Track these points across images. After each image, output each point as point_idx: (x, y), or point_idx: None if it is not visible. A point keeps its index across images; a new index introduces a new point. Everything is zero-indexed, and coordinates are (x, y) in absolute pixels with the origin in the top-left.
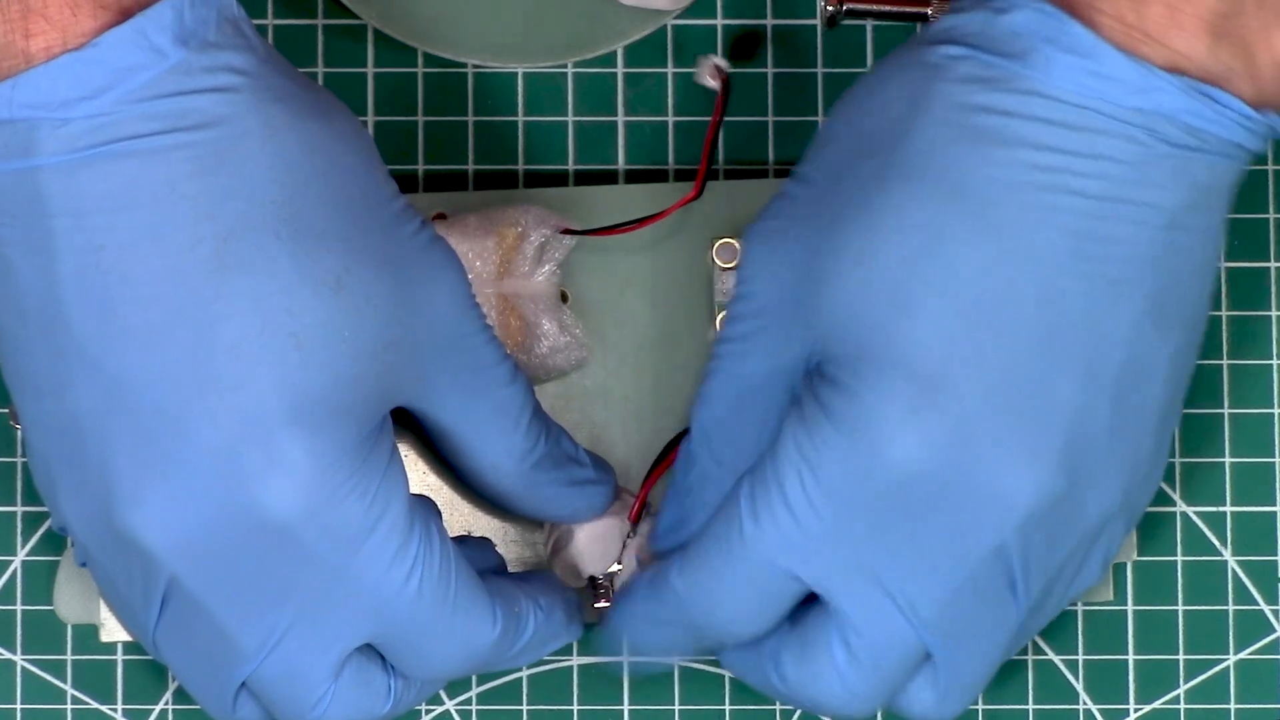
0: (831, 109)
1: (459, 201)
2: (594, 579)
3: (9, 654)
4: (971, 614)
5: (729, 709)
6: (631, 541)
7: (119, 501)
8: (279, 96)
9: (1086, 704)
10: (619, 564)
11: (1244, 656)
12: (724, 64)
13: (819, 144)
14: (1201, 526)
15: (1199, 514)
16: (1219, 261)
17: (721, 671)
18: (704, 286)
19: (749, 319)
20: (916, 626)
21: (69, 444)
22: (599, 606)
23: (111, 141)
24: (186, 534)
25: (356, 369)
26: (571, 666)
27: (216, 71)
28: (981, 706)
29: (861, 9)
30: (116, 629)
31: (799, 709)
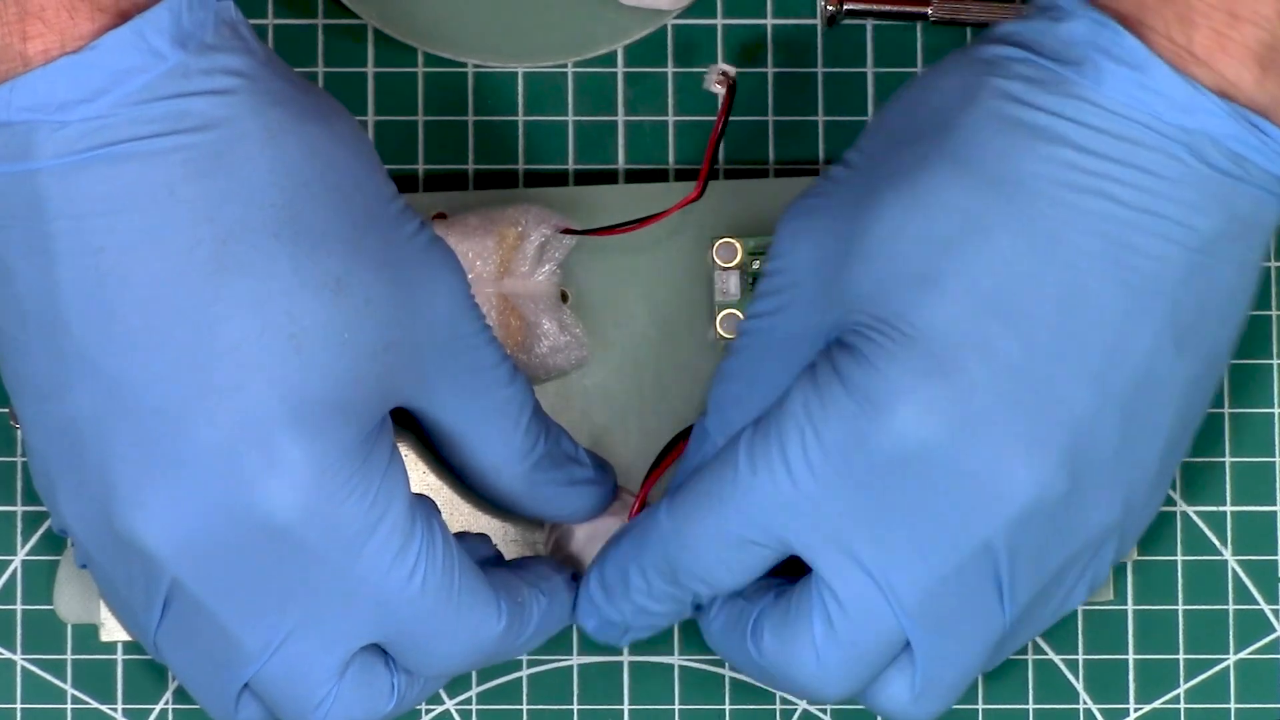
0: (885, 102)
1: (459, 201)
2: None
3: (9, 654)
4: (954, 611)
5: (729, 709)
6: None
7: (119, 504)
8: (277, 99)
9: (1086, 704)
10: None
11: (1244, 656)
12: (730, 69)
13: (868, 131)
14: (1201, 526)
15: (1199, 514)
16: (1249, 303)
17: (722, 671)
18: (704, 286)
19: (778, 294)
20: (896, 610)
21: (69, 446)
22: None
23: (110, 144)
24: (187, 536)
25: (356, 370)
26: (571, 666)
27: (214, 74)
28: (981, 706)
29: (861, 9)
30: (116, 629)
31: (774, 688)
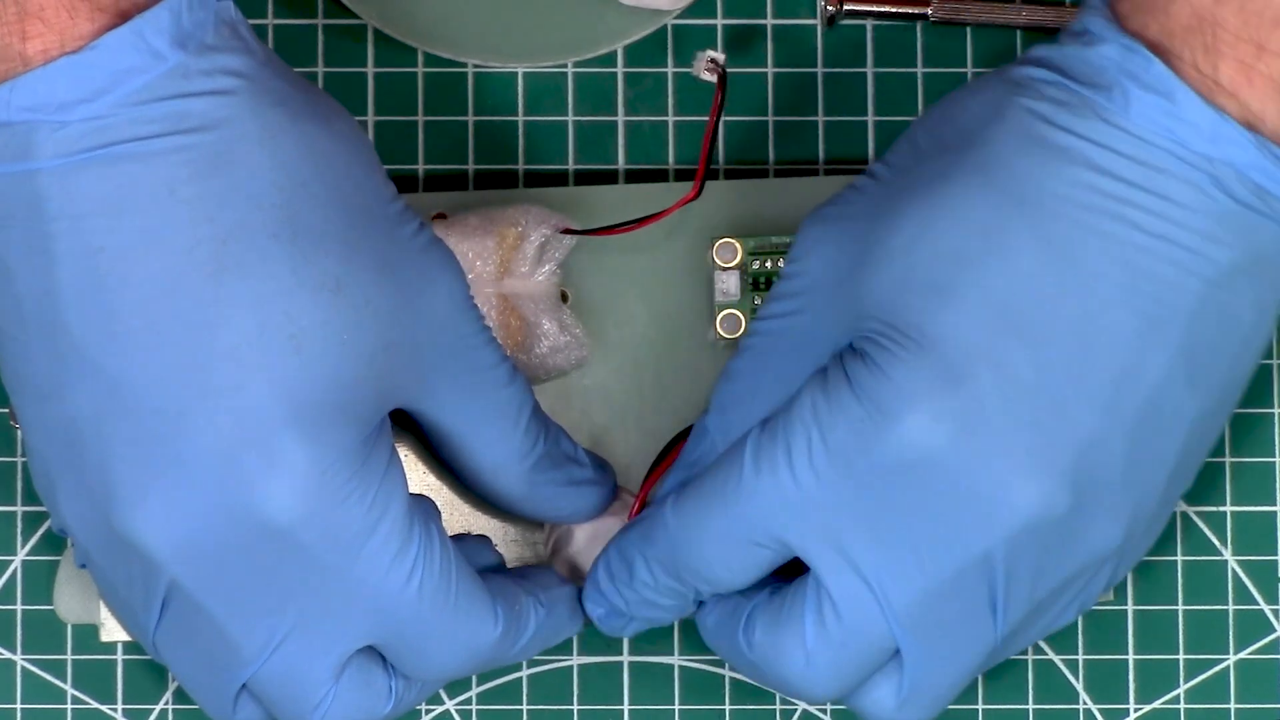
0: (918, 117)
1: (459, 201)
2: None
3: (9, 654)
4: (946, 621)
5: (729, 709)
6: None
7: (119, 504)
8: (277, 99)
9: (1086, 704)
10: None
11: (1244, 656)
12: (720, 56)
13: (896, 146)
14: (1201, 526)
15: (1199, 514)
16: (1264, 347)
17: (722, 671)
18: (704, 286)
19: (793, 298)
20: (888, 616)
21: (68, 446)
22: None
23: (109, 144)
24: (186, 537)
25: (356, 371)
26: (571, 666)
27: (214, 74)
28: (981, 706)
29: (861, 9)
30: (116, 629)
31: (763, 684)
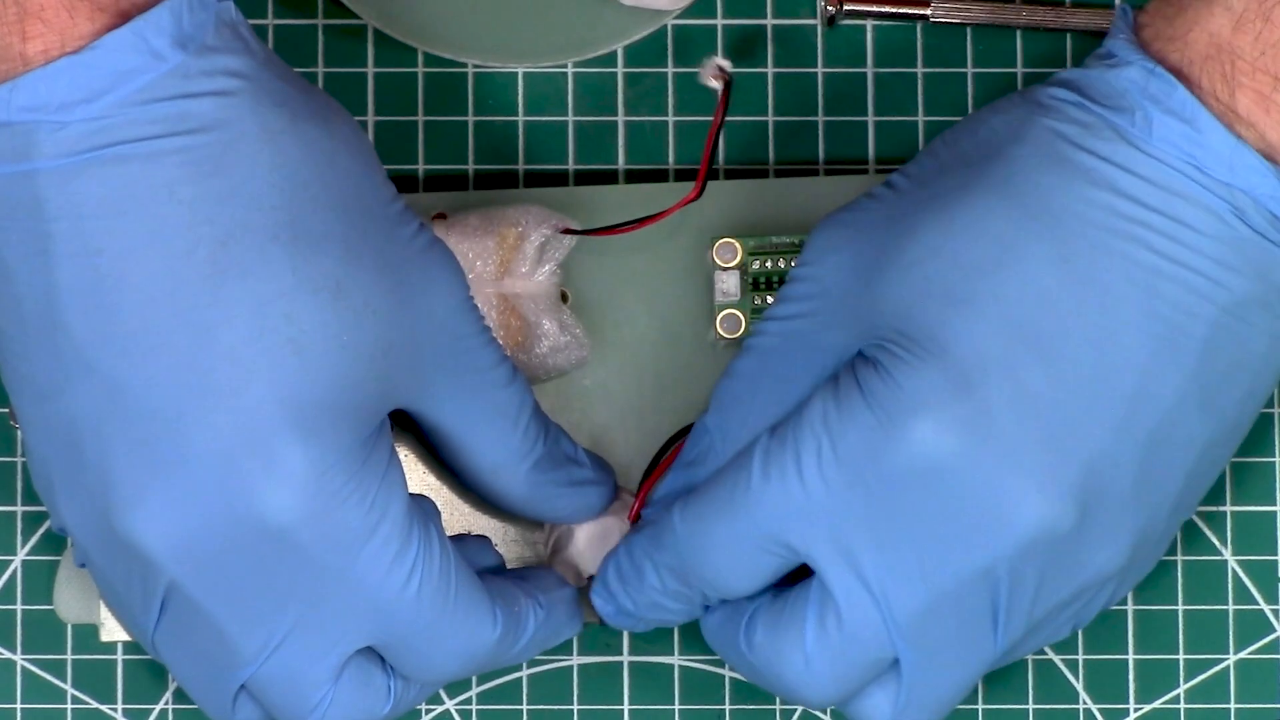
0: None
1: (459, 201)
2: (594, 579)
3: (9, 654)
4: (946, 633)
5: (729, 709)
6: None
7: (118, 505)
8: (277, 100)
9: (1086, 704)
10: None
11: (1244, 656)
12: (726, 64)
13: (917, 158)
14: (1201, 526)
15: (1199, 514)
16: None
17: (722, 671)
18: (704, 286)
19: (802, 301)
20: (889, 625)
21: (68, 446)
22: None
23: (109, 145)
24: (185, 538)
25: (355, 373)
26: (571, 666)
27: (215, 75)
28: (981, 706)
29: (861, 9)
30: (116, 629)
31: (762, 686)
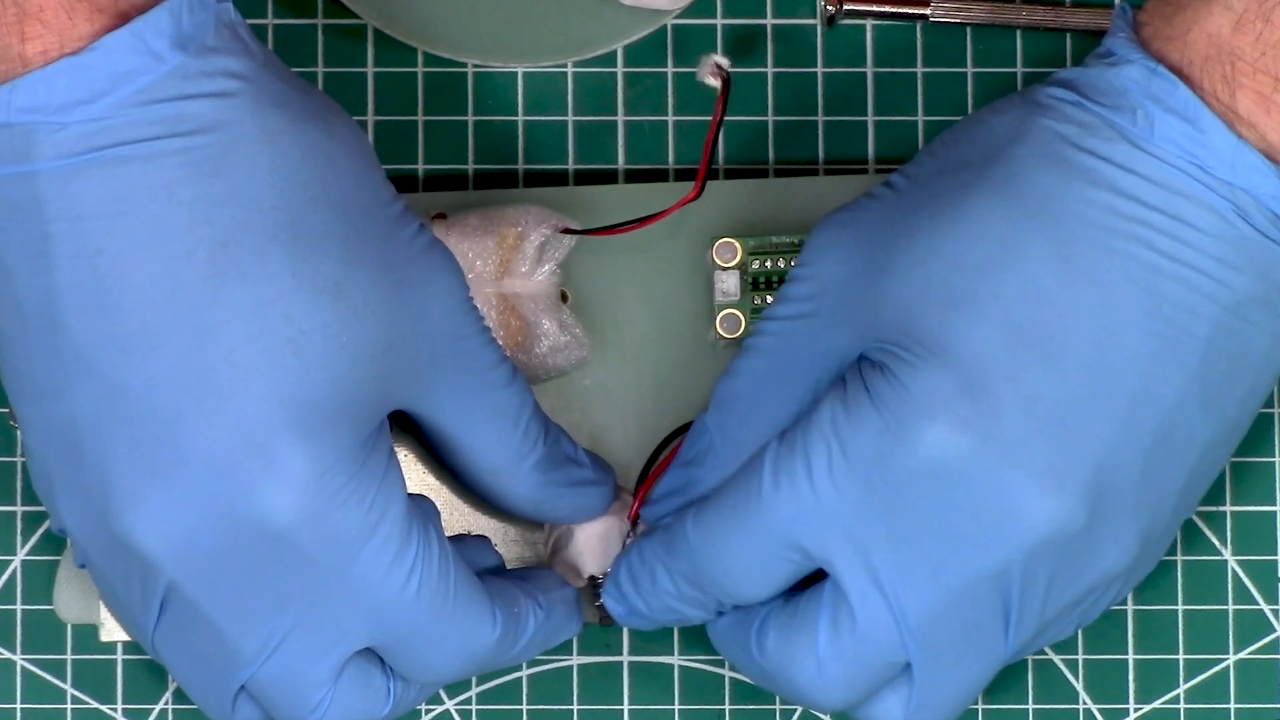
0: (940, 134)
1: (459, 201)
2: (594, 579)
3: (9, 654)
4: (958, 635)
5: (729, 709)
6: (631, 542)
7: (117, 505)
8: (277, 101)
9: (1086, 704)
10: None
11: (1244, 656)
12: (725, 62)
13: (916, 158)
14: (1201, 526)
15: (1199, 514)
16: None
17: (722, 671)
18: (704, 286)
19: (802, 301)
20: (901, 629)
21: (67, 447)
22: (600, 605)
23: (109, 146)
24: (184, 539)
25: (354, 374)
26: (571, 666)
27: (214, 76)
28: (981, 706)
29: (861, 9)
30: (116, 629)
31: (772, 690)
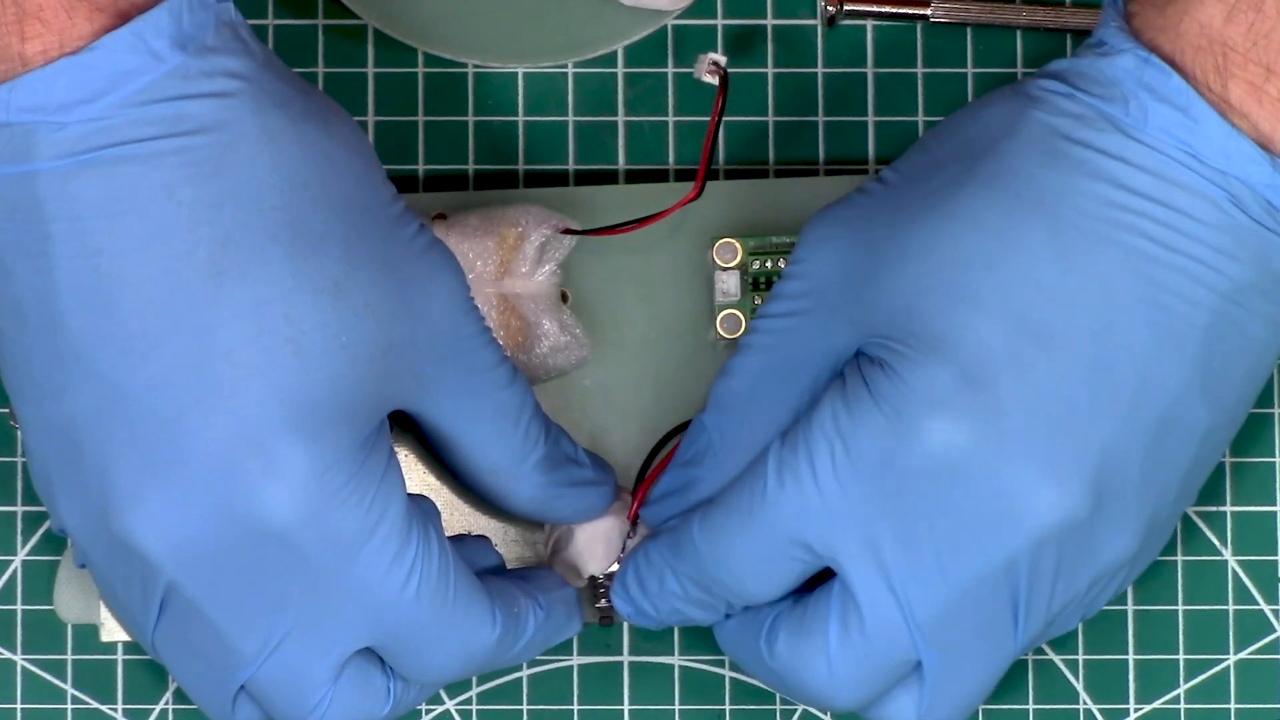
0: (930, 128)
1: (459, 201)
2: (594, 579)
3: (9, 654)
4: (968, 631)
5: (729, 709)
6: (631, 541)
7: (117, 506)
8: (277, 101)
9: (1086, 704)
10: (619, 564)
11: (1244, 656)
12: (721, 60)
13: (907, 154)
14: (1201, 526)
15: (1199, 514)
16: (1275, 363)
17: (722, 671)
18: (704, 286)
19: (797, 298)
20: (911, 628)
21: (67, 447)
22: (600, 606)
23: (108, 146)
24: (184, 539)
25: (354, 374)
26: (571, 666)
27: (214, 76)
28: (981, 706)
29: (861, 9)
30: (116, 629)
31: (782, 693)
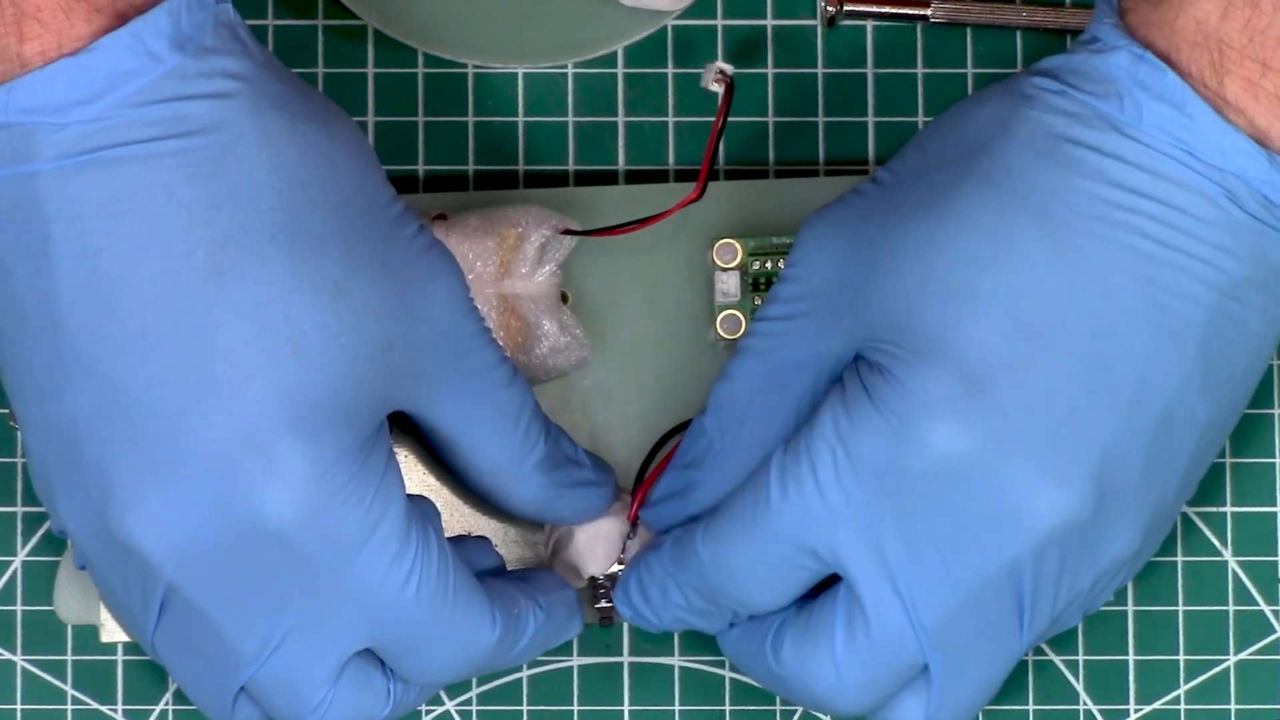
0: (923, 127)
1: (459, 202)
2: (594, 579)
3: (9, 654)
4: (974, 633)
5: (729, 709)
6: (631, 542)
7: (116, 507)
8: (276, 102)
9: (1086, 704)
10: (620, 564)
11: (1244, 657)
12: (728, 68)
13: (902, 153)
14: (1201, 526)
15: (1199, 514)
16: (1271, 355)
17: (722, 671)
18: (704, 287)
19: (794, 301)
20: (917, 631)
21: (67, 448)
22: (600, 607)
23: (107, 147)
24: (184, 539)
25: (355, 374)
26: (571, 666)
27: (213, 77)
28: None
29: (861, 9)
30: (116, 630)
31: (788, 698)
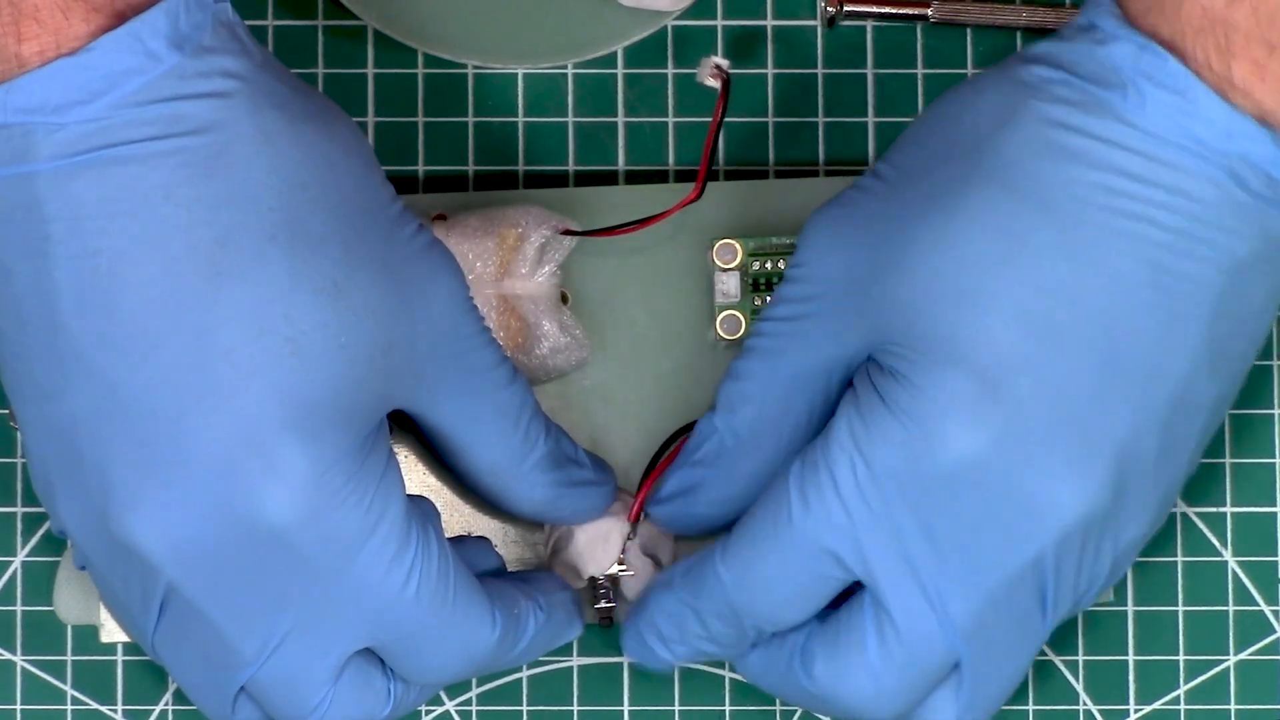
0: (918, 115)
1: (459, 202)
2: (594, 579)
3: (9, 654)
4: (1002, 628)
5: (729, 709)
6: (632, 542)
7: (116, 507)
8: (275, 102)
9: (1086, 705)
10: (619, 564)
11: (1244, 657)
12: (724, 63)
13: (900, 145)
14: (1201, 526)
15: (1199, 514)
16: (1270, 326)
17: (722, 672)
18: (704, 287)
19: (800, 301)
20: (948, 631)
21: (66, 447)
22: (600, 607)
23: (106, 146)
24: (184, 540)
25: (354, 374)
26: (571, 666)
27: (211, 76)
28: None
29: (861, 9)
30: (116, 630)
31: (823, 713)
